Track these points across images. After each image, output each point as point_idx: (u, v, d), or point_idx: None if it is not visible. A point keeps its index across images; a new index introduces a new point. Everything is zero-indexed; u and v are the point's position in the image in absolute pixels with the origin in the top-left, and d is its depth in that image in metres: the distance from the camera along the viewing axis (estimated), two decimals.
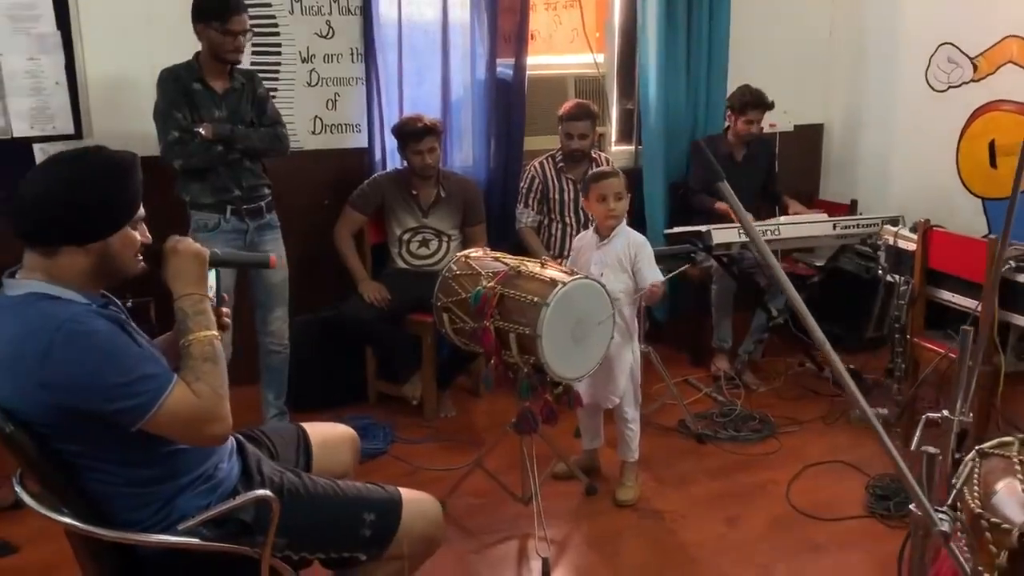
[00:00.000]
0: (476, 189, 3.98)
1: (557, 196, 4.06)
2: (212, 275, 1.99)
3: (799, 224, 4.01)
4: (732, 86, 4.41)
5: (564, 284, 2.58)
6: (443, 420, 3.82)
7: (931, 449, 1.36)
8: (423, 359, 3.74)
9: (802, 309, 1.24)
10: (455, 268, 2.82)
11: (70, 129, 3.42)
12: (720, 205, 4.29)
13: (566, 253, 3.79)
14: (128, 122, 3.39)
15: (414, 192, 3.81)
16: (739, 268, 4.27)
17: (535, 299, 2.57)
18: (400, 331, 3.73)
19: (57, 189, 1.64)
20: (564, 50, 4.51)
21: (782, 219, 4.05)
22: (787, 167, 4.89)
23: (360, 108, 3.94)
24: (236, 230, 3.25)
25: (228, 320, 2.01)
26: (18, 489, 1.74)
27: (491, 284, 2.67)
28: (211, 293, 1.98)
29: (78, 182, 1.65)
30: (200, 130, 3.08)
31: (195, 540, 1.73)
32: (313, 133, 3.91)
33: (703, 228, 3.79)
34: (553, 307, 2.54)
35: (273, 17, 3.73)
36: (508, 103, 4.19)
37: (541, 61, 4.42)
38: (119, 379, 1.60)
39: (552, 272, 2.68)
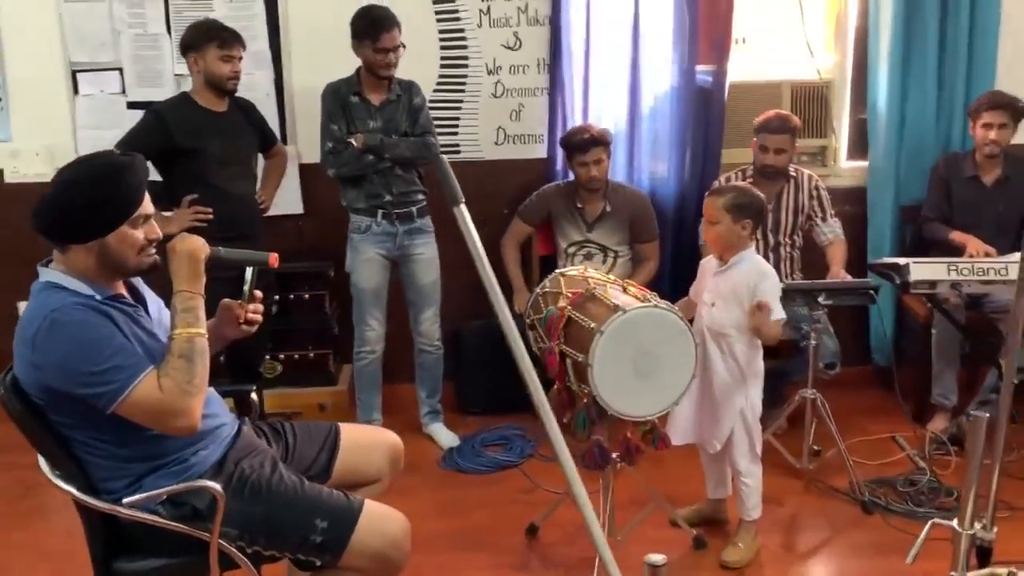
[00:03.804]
0: (646, 204, 3.77)
1: None
2: (248, 272, 2.14)
3: None
4: None
5: (624, 312, 2.36)
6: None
7: (656, 559, 1.06)
8: None
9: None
10: (547, 284, 2.72)
11: (278, 136, 3.85)
12: (956, 236, 3.60)
13: None
14: None
15: (579, 205, 3.71)
16: (976, 312, 3.56)
17: (592, 325, 2.38)
18: None
19: (58, 192, 1.83)
20: (782, 55, 4.07)
21: (1015, 256, 3.27)
22: None
23: (543, 118, 3.93)
24: (386, 233, 3.43)
25: (255, 316, 2.13)
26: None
27: (563, 305, 2.53)
28: (244, 288, 2.14)
29: (74, 185, 1.83)
30: (352, 140, 3.31)
31: (144, 514, 1.86)
32: (496, 144, 3.97)
33: (901, 261, 3.19)
34: (607, 335, 2.34)
35: (462, 31, 3.86)
36: (707, 112, 3.91)
37: (753, 67, 4.05)
38: (91, 367, 1.77)
39: (625, 297, 2.47)
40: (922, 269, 3.17)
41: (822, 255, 3.71)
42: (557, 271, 2.76)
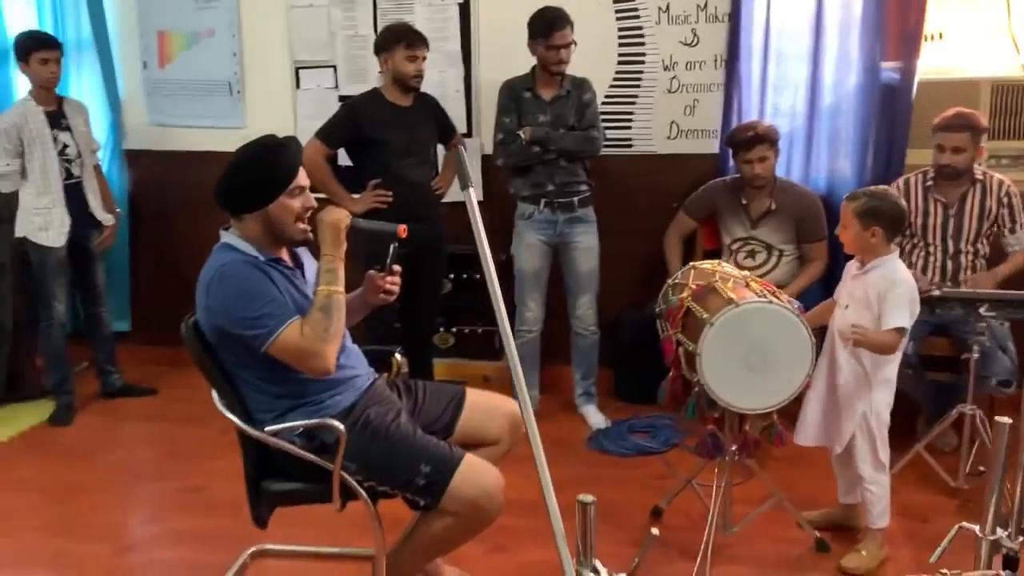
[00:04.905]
0: (815, 204, 3.69)
1: (920, 219, 3.51)
2: (391, 248, 2.44)
3: None
4: None
5: (737, 305, 2.41)
6: None
7: (586, 498, 1.18)
8: None
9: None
10: (678, 276, 2.82)
11: (464, 129, 4.18)
12: None
13: (930, 283, 3.38)
14: None
15: (744, 202, 3.71)
16: None
17: (705, 316, 2.46)
18: None
19: (229, 171, 2.23)
20: (983, 51, 3.80)
21: None
22: None
23: (718, 114, 3.96)
24: (547, 220, 3.65)
25: (392, 287, 2.43)
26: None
27: (684, 295, 2.62)
28: (386, 261, 2.45)
29: (240, 163, 2.23)
30: (520, 133, 3.55)
31: (282, 442, 2.22)
32: (668, 138, 4.05)
33: None
34: (717, 327, 2.41)
35: (640, 28, 3.97)
36: (891, 111, 3.75)
37: (949, 64, 3.81)
38: (249, 313, 2.16)
39: (744, 292, 2.51)
40: None
41: None
42: (690, 264, 2.84)
